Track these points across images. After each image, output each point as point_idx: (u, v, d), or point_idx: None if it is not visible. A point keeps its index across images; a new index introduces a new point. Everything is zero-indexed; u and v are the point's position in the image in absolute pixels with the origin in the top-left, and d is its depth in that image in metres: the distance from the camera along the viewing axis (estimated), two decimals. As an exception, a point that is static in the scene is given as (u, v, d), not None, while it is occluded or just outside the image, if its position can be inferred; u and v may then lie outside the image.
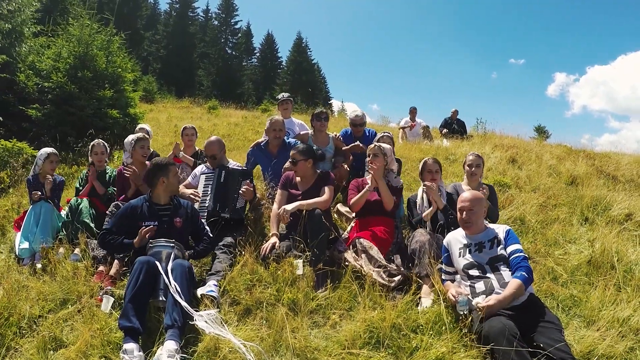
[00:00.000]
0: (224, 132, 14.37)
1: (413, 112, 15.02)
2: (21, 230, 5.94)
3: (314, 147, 6.33)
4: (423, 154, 10.59)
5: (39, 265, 5.36)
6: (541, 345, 3.60)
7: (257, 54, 58.34)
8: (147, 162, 6.28)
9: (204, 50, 51.65)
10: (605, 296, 4.89)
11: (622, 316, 4.53)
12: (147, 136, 6.75)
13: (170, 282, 4.10)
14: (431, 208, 5.48)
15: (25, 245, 5.72)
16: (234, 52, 55.05)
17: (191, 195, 5.81)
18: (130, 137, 6.44)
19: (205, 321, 3.91)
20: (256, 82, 53.57)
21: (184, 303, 3.96)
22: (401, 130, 14.81)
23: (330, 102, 55.32)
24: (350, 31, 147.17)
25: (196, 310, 4.05)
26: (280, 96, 8.42)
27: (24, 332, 4.19)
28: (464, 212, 4.58)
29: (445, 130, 15.61)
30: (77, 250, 5.55)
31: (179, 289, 4.05)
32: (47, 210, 6.08)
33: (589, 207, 7.98)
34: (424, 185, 5.57)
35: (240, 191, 5.79)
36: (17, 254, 5.74)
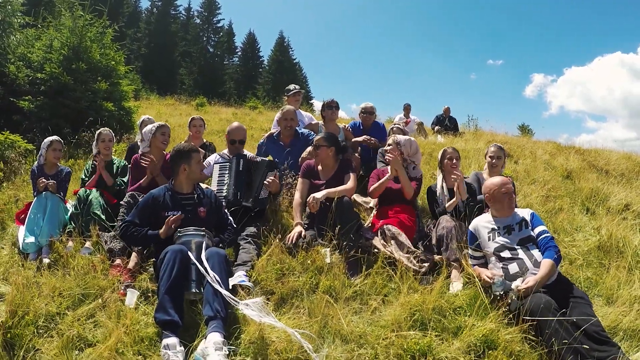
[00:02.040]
0: (217, 127, 14.21)
1: (407, 108, 15.10)
2: (25, 223, 5.63)
3: None
4: (421, 148, 10.65)
5: (46, 260, 5.08)
6: (575, 319, 3.69)
7: (239, 53, 58.06)
8: (164, 152, 6.10)
9: (185, 49, 51.36)
10: (620, 277, 5.06)
11: (639, 294, 4.74)
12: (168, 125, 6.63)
13: (208, 272, 3.93)
14: (454, 199, 5.50)
15: (31, 239, 5.40)
16: (215, 51, 54.76)
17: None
18: (150, 126, 6.19)
19: (253, 309, 3.74)
20: (237, 81, 53.32)
21: (225, 292, 3.81)
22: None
23: (312, 101, 55.35)
24: (331, 31, 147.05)
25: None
26: (291, 87, 8.36)
27: (41, 331, 3.88)
28: (507, 195, 4.64)
29: (437, 127, 15.70)
30: (88, 244, 5.34)
31: (218, 278, 3.89)
32: (54, 202, 5.82)
33: (588, 199, 8.22)
34: (453, 177, 5.54)
35: (265, 182, 5.67)
36: (21, 248, 5.42)
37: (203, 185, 5.45)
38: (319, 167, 5.80)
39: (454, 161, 5.76)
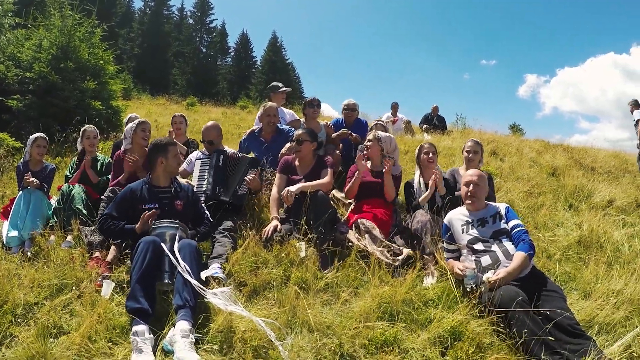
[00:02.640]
0: (206, 127, 14.30)
1: (395, 107, 15.15)
2: (9, 218, 5.73)
3: None
4: (406, 147, 10.72)
5: (28, 254, 5.15)
6: (547, 313, 3.70)
7: (232, 53, 57.78)
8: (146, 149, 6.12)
9: (178, 49, 51.11)
10: (598, 271, 5.09)
11: (616, 288, 4.73)
12: (139, 117, 6.68)
13: (179, 262, 4.00)
14: (428, 192, 5.58)
15: (14, 233, 5.51)
16: (208, 51, 54.65)
17: (184, 170, 5.87)
18: (131, 123, 6.29)
19: (220, 299, 3.81)
20: (231, 81, 53.08)
21: (195, 282, 3.87)
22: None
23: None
24: (324, 31, 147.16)
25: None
26: (280, 84, 8.48)
27: (19, 320, 3.99)
28: (471, 185, 4.72)
29: (425, 125, 15.76)
30: (69, 237, 5.39)
31: (188, 269, 3.95)
32: (37, 198, 5.92)
33: (572, 195, 8.28)
34: (434, 171, 5.64)
35: (247, 178, 5.73)
36: (4, 242, 5.53)
37: (183, 181, 5.51)
38: (297, 163, 5.85)
39: (430, 155, 5.86)
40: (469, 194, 4.72)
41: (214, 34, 55.97)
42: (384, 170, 5.56)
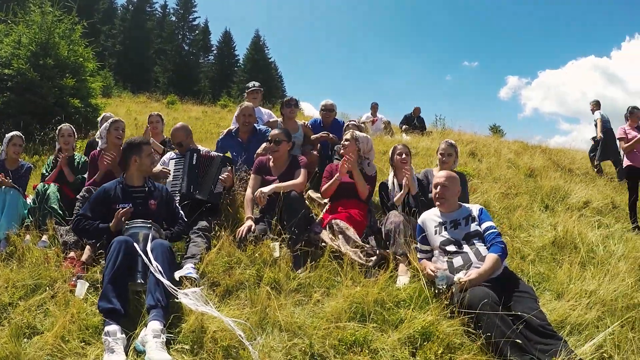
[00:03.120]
0: (185, 126, 14.25)
1: (374, 107, 15.24)
2: None
3: None
4: (385, 147, 10.76)
5: (3, 254, 5.11)
6: (519, 313, 3.74)
7: (215, 52, 57.56)
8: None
9: (160, 46, 50.80)
10: (572, 272, 5.14)
11: (589, 289, 4.78)
12: (113, 115, 6.65)
13: (151, 262, 4.01)
14: (401, 192, 5.62)
15: None
16: (191, 49, 54.38)
17: (163, 171, 5.82)
18: (105, 123, 6.28)
19: (191, 299, 3.83)
20: (213, 79, 52.82)
21: (166, 282, 3.89)
22: (363, 124, 14.90)
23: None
24: (307, 31, 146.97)
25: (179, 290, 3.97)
26: (250, 84, 8.51)
27: None
28: (438, 187, 4.74)
29: (405, 126, 15.84)
30: (44, 237, 5.37)
31: (160, 269, 3.97)
32: (12, 197, 5.84)
33: (548, 196, 8.38)
34: (404, 170, 5.68)
35: (221, 177, 5.77)
36: None
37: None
38: (271, 163, 5.87)
39: (404, 156, 5.88)
40: (437, 195, 4.76)
41: (197, 31, 55.75)
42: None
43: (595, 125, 12.32)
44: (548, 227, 6.88)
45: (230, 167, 5.94)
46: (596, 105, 12.85)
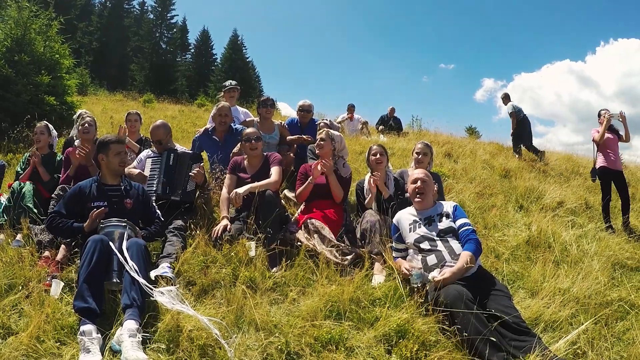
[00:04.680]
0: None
1: (351, 109, 15.21)
2: None
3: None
4: (362, 147, 10.82)
5: None
6: (492, 310, 3.81)
7: (192, 50, 57.02)
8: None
9: (138, 44, 50.16)
10: (546, 271, 5.23)
11: (563, 287, 4.88)
12: (87, 112, 6.61)
13: (127, 261, 3.99)
14: (370, 196, 5.65)
15: None
16: (168, 47, 53.88)
17: (140, 174, 5.79)
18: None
19: (166, 297, 3.82)
20: (190, 78, 52.25)
21: (142, 281, 3.87)
22: (339, 124, 14.95)
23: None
24: (286, 32, 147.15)
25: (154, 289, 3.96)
26: (227, 83, 8.51)
27: None
28: (418, 182, 4.80)
29: (381, 127, 15.93)
30: (19, 236, 5.31)
31: (136, 268, 3.95)
32: (-14, 196, 5.73)
33: (523, 196, 8.50)
34: (372, 175, 5.69)
35: (191, 174, 5.75)
36: None
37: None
38: (246, 163, 5.90)
39: (378, 157, 5.90)
40: (416, 190, 4.80)
41: (175, 30, 55.09)
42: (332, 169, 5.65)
43: (510, 116, 13.32)
44: (522, 226, 6.98)
45: (200, 163, 5.94)
46: (506, 97, 13.72)
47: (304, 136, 7.37)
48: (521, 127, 13.23)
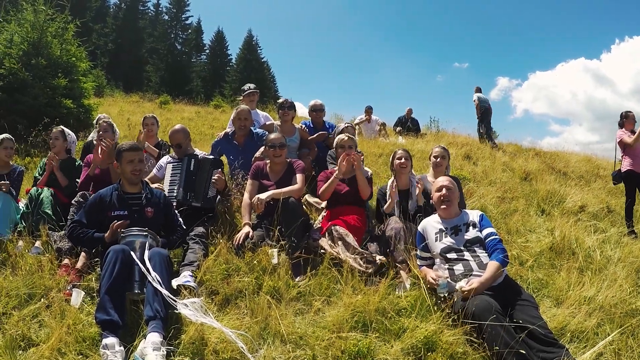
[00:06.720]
0: (179, 127, 14.16)
1: (368, 111, 15.06)
2: None
3: None
4: (380, 149, 10.75)
5: None
6: (520, 321, 3.73)
7: (207, 51, 57.22)
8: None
9: (153, 46, 50.48)
10: (570, 278, 5.13)
11: (588, 295, 4.78)
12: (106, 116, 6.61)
13: (150, 272, 3.92)
14: (389, 201, 5.57)
15: None
16: (183, 48, 54.14)
17: (158, 188, 5.68)
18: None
19: (190, 310, 3.76)
20: (205, 79, 52.47)
21: (165, 292, 3.80)
22: (357, 126, 14.85)
23: (279, 101, 54.68)
24: (300, 31, 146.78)
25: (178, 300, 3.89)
26: (246, 87, 8.44)
27: None
28: (443, 189, 4.73)
29: (399, 128, 15.83)
30: (38, 243, 5.24)
31: (158, 279, 3.88)
32: (4, 201, 5.71)
33: (544, 200, 8.36)
34: (417, 182, 5.60)
35: (212, 180, 5.65)
36: None
37: (153, 186, 5.42)
38: (268, 169, 5.82)
39: (403, 161, 5.79)
40: (442, 198, 4.72)
41: (189, 30, 55.46)
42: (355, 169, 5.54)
43: (475, 105, 15.39)
44: (545, 232, 6.85)
45: (220, 169, 5.84)
46: (477, 90, 15.77)
47: (322, 132, 7.33)
48: (484, 115, 15.40)
